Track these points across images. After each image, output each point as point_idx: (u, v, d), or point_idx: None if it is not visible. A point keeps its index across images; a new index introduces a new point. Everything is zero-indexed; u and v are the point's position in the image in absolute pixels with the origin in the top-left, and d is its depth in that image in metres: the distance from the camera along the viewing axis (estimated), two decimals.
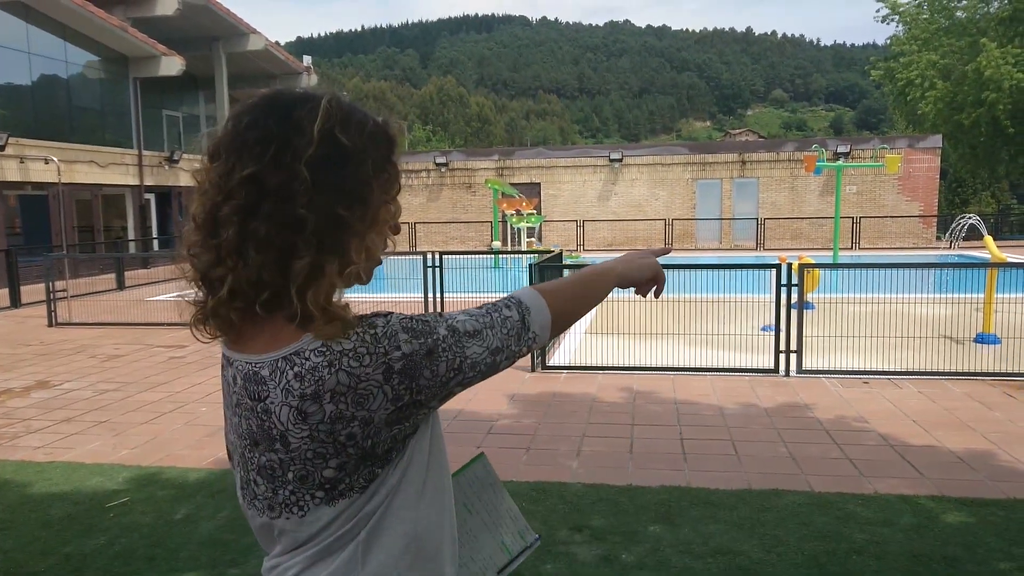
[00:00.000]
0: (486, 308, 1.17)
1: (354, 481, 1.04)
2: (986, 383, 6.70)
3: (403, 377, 1.02)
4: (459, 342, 1.08)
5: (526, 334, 1.18)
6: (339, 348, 1.00)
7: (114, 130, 21.79)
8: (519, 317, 1.17)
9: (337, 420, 1.00)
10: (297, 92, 1.06)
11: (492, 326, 1.14)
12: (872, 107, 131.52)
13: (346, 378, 0.99)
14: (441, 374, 1.06)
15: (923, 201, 25.80)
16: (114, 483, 4.64)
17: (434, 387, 1.06)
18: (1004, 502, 4.10)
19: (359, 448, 1.02)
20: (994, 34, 29.37)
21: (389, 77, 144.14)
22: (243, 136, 1.01)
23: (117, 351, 9.04)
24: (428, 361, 1.04)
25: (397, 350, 1.02)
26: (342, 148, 1.02)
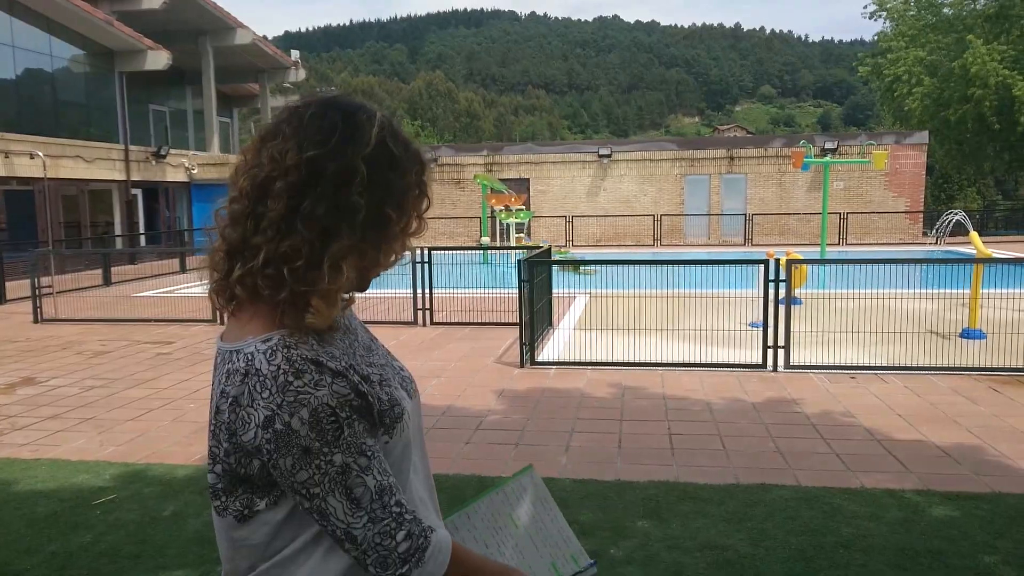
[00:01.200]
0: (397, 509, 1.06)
1: (230, 503, 1.09)
2: (972, 378, 6.75)
3: (273, 439, 1.02)
4: (335, 484, 1.03)
5: (394, 568, 1.05)
6: (257, 366, 1.04)
7: (100, 125, 21.61)
8: (403, 552, 1.05)
9: (227, 428, 1.06)
10: (356, 101, 1.15)
11: (375, 520, 1.04)
12: (860, 103, 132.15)
13: (247, 396, 1.03)
14: (296, 480, 1.03)
15: (910, 197, 25.93)
16: (100, 480, 4.61)
17: (283, 479, 1.05)
18: (989, 496, 4.13)
19: (229, 468, 1.07)
20: (980, 31, 29.55)
21: (377, 72, 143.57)
22: (307, 124, 1.09)
23: (103, 347, 8.98)
24: (299, 455, 1.02)
25: (288, 415, 1.02)
26: (392, 156, 1.11)
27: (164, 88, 25.21)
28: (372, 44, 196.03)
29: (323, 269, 1.06)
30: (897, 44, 32.51)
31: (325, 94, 1.15)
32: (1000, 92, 28.47)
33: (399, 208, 1.12)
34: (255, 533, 1.10)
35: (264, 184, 1.07)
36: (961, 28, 30.58)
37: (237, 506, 1.09)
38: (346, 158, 1.07)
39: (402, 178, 1.12)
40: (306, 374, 1.04)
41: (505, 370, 7.30)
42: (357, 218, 1.07)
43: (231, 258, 1.09)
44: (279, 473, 1.04)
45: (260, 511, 1.08)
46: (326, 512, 1.05)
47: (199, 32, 24.16)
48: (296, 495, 1.06)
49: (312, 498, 1.04)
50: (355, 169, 1.07)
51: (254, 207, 1.07)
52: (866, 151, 22.68)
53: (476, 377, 7.08)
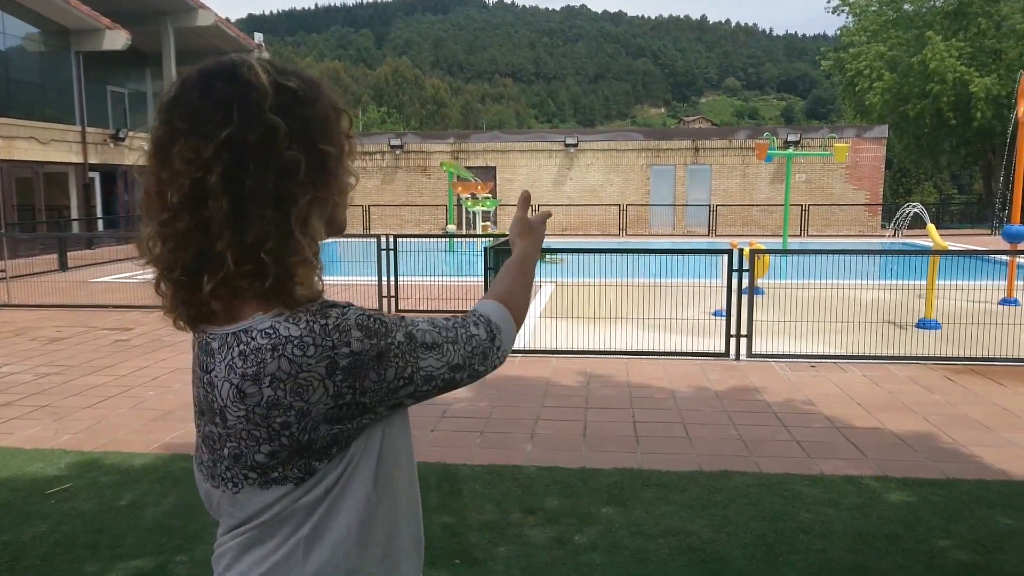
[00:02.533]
0: (453, 321, 1.14)
1: (288, 472, 1.02)
2: (927, 367, 6.90)
3: (347, 375, 0.99)
4: (414, 351, 1.05)
5: (494, 353, 1.17)
6: (286, 334, 0.98)
7: (56, 106, 21.03)
8: (487, 336, 1.16)
9: (273, 406, 0.98)
10: (225, 58, 1.07)
11: (455, 341, 1.11)
12: (822, 97, 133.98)
13: (288, 365, 0.97)
14: (389, 380, 1.03)
15: (869, 190, 26.41)
16: (55, 469, 4.51)
17: (380, 392, 1.02)
18: (943, 482, 4.23)
19: (293, 439, 1.00)
20: (939, 28, 30.14)
21: (343, 57, 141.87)
22: (199, 109, 1.00)
23: (59, 334, 8.77)
24: (377, 364, 1.01)
25: (346, 346, 0.99)
26: (293, 92, 1.04)
27: (123, 69, 24.60)
28: (338, 29, 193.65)
29: (295, 237, 1.01)
30: (859, 39, 33.04)
31: (195, 69, 1.06)
32: (957, 88, 29.09)
33: (329, 138, 1.06)
34: (309, 493, 1.04)
35: (194, 189, 0.98)
36: (921, 24, 31.17)
37: (296, 472, 1.02)
38: (258, 119, 0.99)
39: (314, 107, 1.05)
40: (331, 312, 1.01)
41: None
42: (300, 172, 1.01)
43: (193, 277, 1.01)
44: (371, 393, 1.01)
45: (317, 469, 1.03)
46: (429, 374, 1.07)
47: (159, 12, 23.58)
48: (398, 392, 1.04)
49: (411, 378, 1.05)
50: (271, 125, 1.00)
51: (197, 217, 0.99)
52: (828, 144, 23.01)
53: None
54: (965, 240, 20.22)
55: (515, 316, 1.24)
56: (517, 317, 1.25)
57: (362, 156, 26.51)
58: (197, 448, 1.12)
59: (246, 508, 1.05)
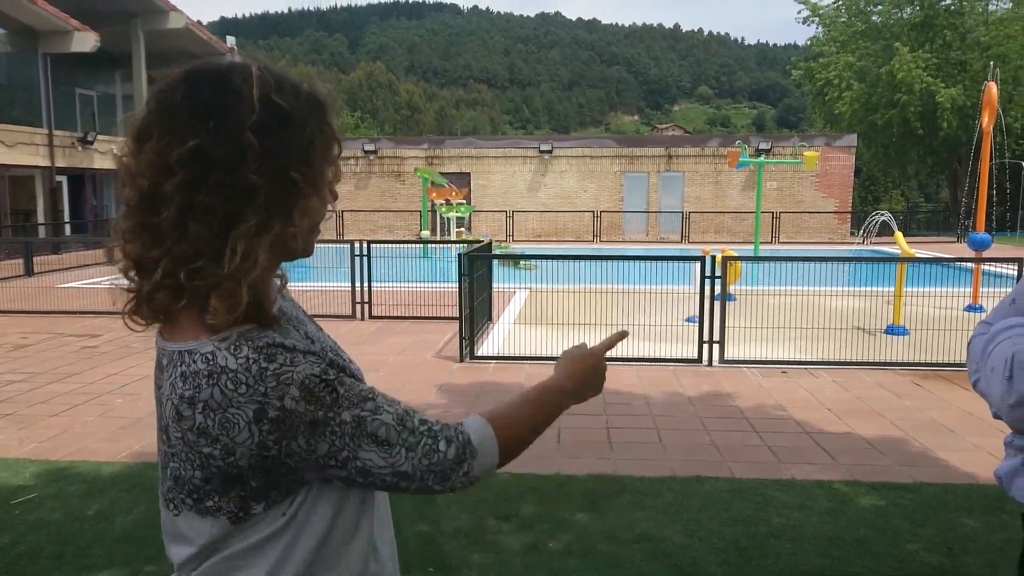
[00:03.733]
0: (426, 426, 1.05)
1: (222, 503, 0.99)
2: (896, 373, 7.01)
3: (274, 429, 0.94)
4: (357, 438, 0.98)
5: (457, 476, 1.06)
6: (223, 364, 0.95)
7: (22, 108, 20.67)
8: (455, 457, 1.05)
9: (202, 434, 0.95)
10: (224, 62, 1.03)
11: (412, 448, 1.02)
12: (793, 105, 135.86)
13: (220, 396, 0.94)
14: (319, 454, 0.97)
15: (838, 198, 26.78)
16: (20, 479, 4.42)
17: (307, 461, 0.97)
18: (912, 486, 4.30)
19: (220, 471, 0.97)
20: (906, 39, 30.73)
21: (317, 62, 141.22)
22: (178, 110, 0.97)
23: (24, 340, 8.61)
24: (308, 431, 0.95)
25: (279, 400, 0.94)
26: (282, 112, 0.99)
27: (92, 71, 24.25)
28: (311, 33, 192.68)
29: (224, 258, 0.95)
30: (828, 49, 33.57)
31: (193, 65, 1.02)
32: (924, 98, 29.65)
33: (305, 166, 1.01)
34: (246, 536, 1.01)
35: (152, 192, 0.96)
36: (888, 36, 31.76)
37: (231, 507, 0.99)
38: (232, 135, 0.95)
39: (301, 132, 1.00)
40: (278, 357, 0.96)
41: (445, 364, 7.27)
42: (259, 197, 0.96)
43: (140, 275, 1.00)
44: (297, 457, 0.96)
45: (256, 513, 1.00)
46: (366, 468, 0.99)
47: (129, 14, 23.28)
48: (326, 470, 0.99)
49: (344, 464, 0.98)
50: (244, 144, 0.95)
51: (146, 218, 0.96)
52: (798, 152, 23.32)
53: (415, 372, 7.02)
54: (932, 248, 20.57)
55: (503, 447, 1.13)
56: (506, 449, 1.13)
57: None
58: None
59: (188, 537, 1.02)
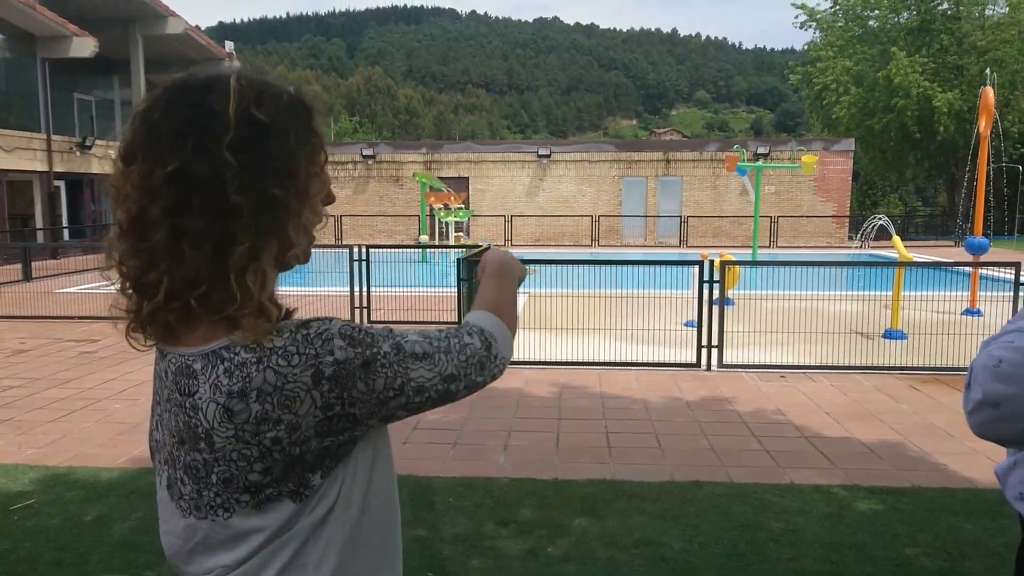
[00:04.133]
0: (445, 332, 1.10)
1: (283, 488, 0.99)
2: (894, 376, 7.02)
3: (334, 385, 0.97)
4: (403, 361, 1.02)
5: (492, 363, 1.12)
6: (270, 345, 0.96)
7: (20, 113, 20.67)
8: (482, 345, 1.11)
9: (263, 421, 0.95)
10: (204, 75, 1.01)
11: (447, 351, 1.07)
12: (790, 110, 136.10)
13: (273, 377, 0.95)
14: (378, 390, 1.00)
15: (836, 202, 26.83)
16: (19, 485, 4.41)
17: (369, 403, 1.00)
18: (910, 490, 4.30)
19: (285, 454, 0.97)
20: (903, 44, 30.83)
21: (315, 66, 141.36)
22: (158, 132, 0.96)
23: (22, 346, 8.60)
24: (363, 373, 0.98)
25: (330, 355, 0.97)
26: (261, 125, 0.98)
27: (90, 76, 24.28)
28: (309, 38, 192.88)
29: (231, 286, 0.96)
30: (826, 54, 33.68)
31: (172, 81, 1.01)
32: (921, 103, 29.74)
33: (290, 177, 1.00)
34: (312, 512, 1.01)
35: (140, 216, 0.96)
36: (885, 40, 31.86)
37: (290, 487, 0.99)
38: (211, 154, 0.95)
39: (282, 145, 0.99)
40: (312, 324, 1.00)
41: None
42: (243, 215, 0.95)
43: (139, 295, 1.00)
44: (361, 404, 0.99)
45: (316, 485, 1.00)
46: (420, 385, 1.03)
47: (128, 19, 23.32)
48: (388, 404, 1.01)
49: (402, 389, 1.02)
50: (222, 163, 0.94)
51: (138, 242, 0.97)
52: (796, 157, 23.36)
53: None
54: (930, 252, 20.61)
55: (507, 323, 1.20)
56: (509, 323, 1.21)
57: (334, 166, 26.36)
58: (172, 484, 1.06)
59: (240, 532, 1.01)
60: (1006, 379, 1.31)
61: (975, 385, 1.37)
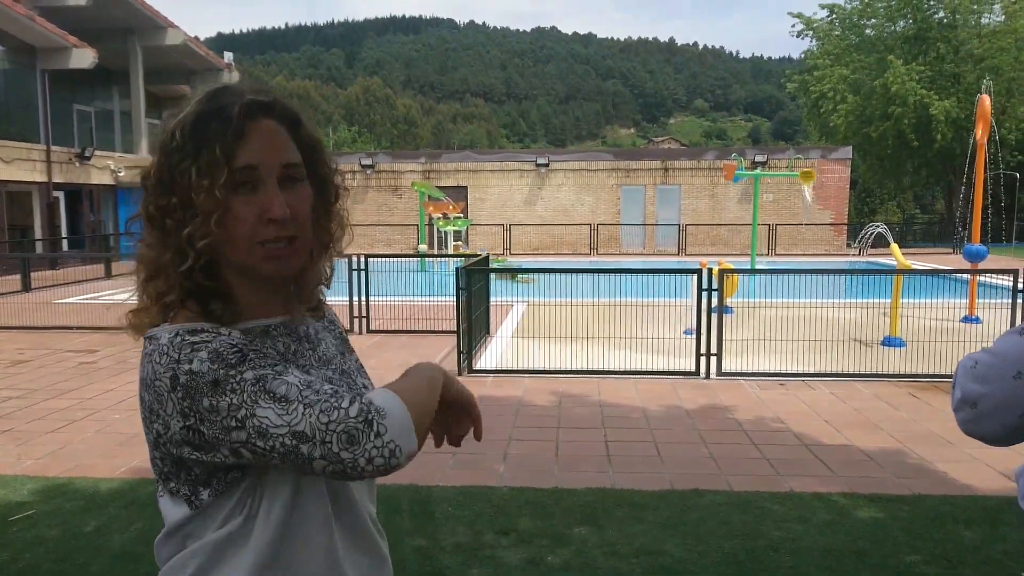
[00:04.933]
0: (332, 389, 1.00)
1: (180, 487, 1.06)
2: (892, 384, 7.02)
3: (184, 394, 0.98)
4: (255, 394, 0.96)
5: (368, 441, 0.95)
6: (158, 339, 1.04)
7: (20, 124, 20.70)
8: (358, 416, 0.96)
9: (150, 411, 1.03)
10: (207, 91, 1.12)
11: (311, 405, 0.96)
12: (788, 118, 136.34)
13: (151, 371, 1.02)
14: (221, 414, 0.96)
15: (834, 210, 26.87)
16: (18, 496, 4.40)
17: (215, 425, 0.97)
18: (909, 498, 4.30)
19: (165, 451, 1.04)
20: (900, 52, 30.95)
21: (314, 76, 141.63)
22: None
23: (22, 356, 8.60)
24: (210, 391, 0.97)
25: (188, 363, 0.99)
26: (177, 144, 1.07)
27: (89, 88, 24.33)
28: (308, 48, 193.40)
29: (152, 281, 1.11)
30: (823, 62, 33.80)
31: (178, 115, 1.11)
32: (918, 111, 29.83)
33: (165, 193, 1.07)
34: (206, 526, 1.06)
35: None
36: (882, 48, 31.98)
37: (186, 491, 1.05)
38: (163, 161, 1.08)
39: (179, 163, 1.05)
40: (204, 332, 1.03)
41: None
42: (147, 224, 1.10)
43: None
44: (208, 423, 0.97)
45: (205, 501, 1.04)
46: (263, 428, 0.95)
47: (127, 31, 23.40)
48: (230, 433, 0.97)
49: (243, 423, 0.96)
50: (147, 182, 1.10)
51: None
52: (794, 164, 23.41)
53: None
54: (928, 259, 20.64)
55: (413, 412, 1.01)
56: (416, 414, 1.01)
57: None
58: None
59: (164, 518, 1.10)
60: (980, 379, 1.42)
61: (957, 386, 1.48)
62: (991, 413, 1.41)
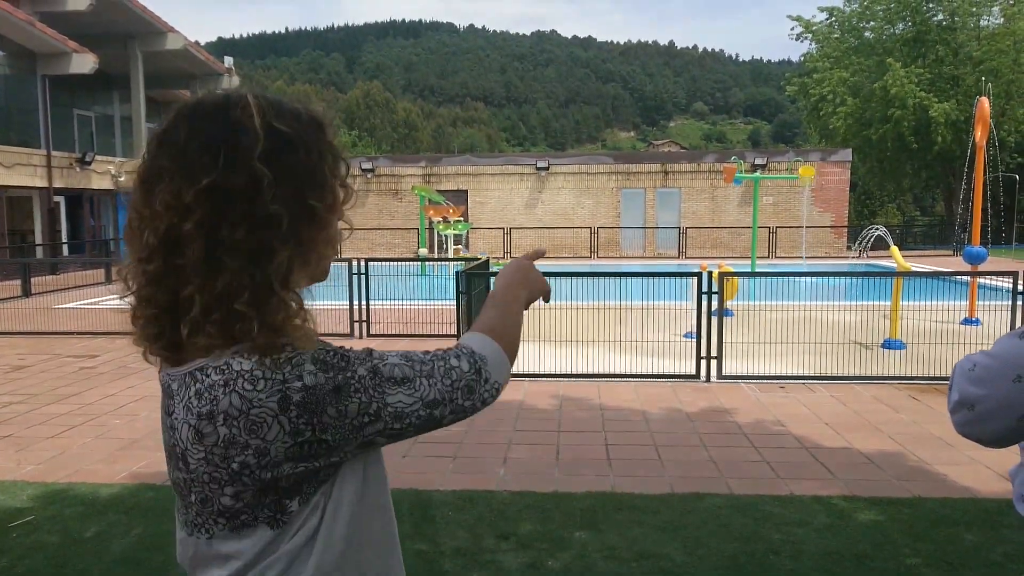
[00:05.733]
0: (430, 355, 1.06)
1: (259, 514, 0.99)
2: (893, 386, 7.02)
3: (302, 411, 0.94)
4: (379, 386, 0.99)
5: (481, 387, 1.07)
6: (238, 368, 0.95)
7: (20, 129, 20.75)
8: (470, 368, 1.07)
9: (230, 445, 0.95)
10: (219, 95, 1.03)
11: (430, 375, 1.03)
12: (788, 121, 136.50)
13: (239, 401, 0.94)
14: (351, 416, 0.97)
15: (834, 212, 26.88)
16: (17, 501, 4.40)
17: (342, 428, 0.97)
18: (910, 500, 4.30)
19: (255, 479, 0.96)
20: (899, 55, 30.99)
21: (314, 81, 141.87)
22: (184, 151, 0.97)
23: (22, 361, 8.60)
24: (334, 398, 0.96)
25: (298, 380, 0.95)
26: (287, 137, 1.00)
27: (90, 93, 24.38)
28: (308, 52, 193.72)
29: (276, 293, 0.98)
30: (822, 65, 33.84)
31: (189, 103, 1.03)
32: (917, 113, 29.86)
33: (319, 189, 1.02)
34: (291, 539, 1.00)
35: (170, 233, 0.96)
36: (881, 51, 32.03)
37: (267, 513, 0.99)
38: (244, 167, 0.96)
39: (308, 155, 1.01)
40: (286, 348, 0.97)
41: None
42: (283, 225, 0.97)
43: (168, 316, 1.00)
44: (333, 430, 0.96)
45: (293, 511, 1.00)
46: (399, 411, 1.00)
47: (128, 36, 23.45)
48: (363, 430, 0.98)
49: (378, 415, 0.98)
50: (258, 174, 0.96)
51: (170, 261, 0.97)
52: (794, 167, 23.42)
53: None
54: (928, 261, 20.64)
55: (505, 346, 1.14)
56: (507, 347, 1.15)
57: None
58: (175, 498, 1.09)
59: (227, 556, 1.01)
60: (978, 382, 1.42)
61: (954, 387, 1.49)
62: (989, 416, 1.41)
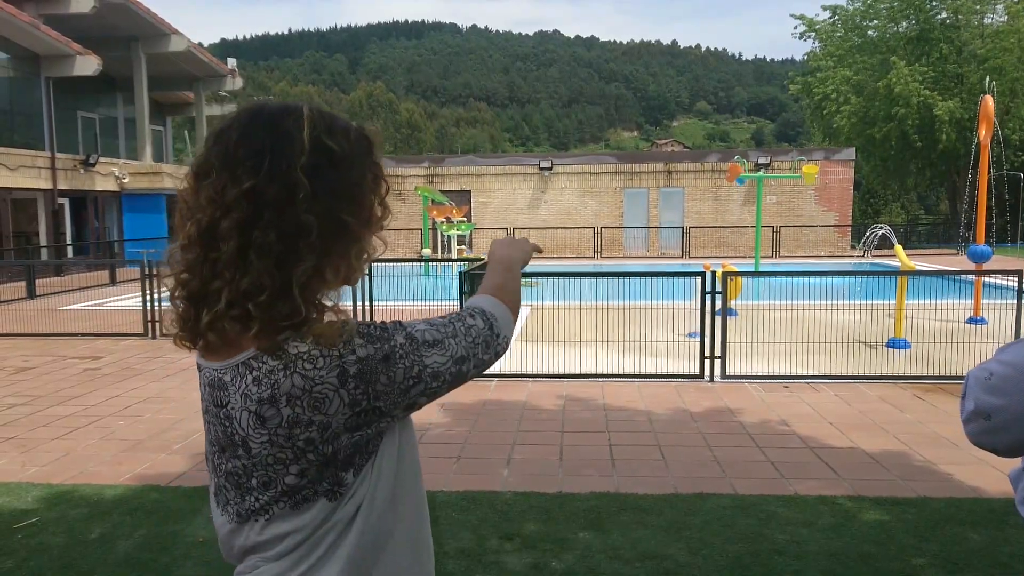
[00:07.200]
0: (448, 318, 1.17)
1: (319, 487, 1.05)
2: (898, 386, 7.00)
3: (359, 381, 1.02)
4: (417, 350, 1.09)
5: (495, 341, 1.19)
6: (294, 351, 1.03)
7: (24, 131, 20.79)
8: (485, 325, 1.19)
9: (294, 424, 1.02)
10: (277, 103, 1.10)
11: (455, 335, 1.14)
12: (791, 120, 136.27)
13: (301, 381, 1.01)
14: (398, 380, 1.06)
15: (838, 211, 26.82)
16: (23, 503, 4.41)
17: (392, 394, 1.06)
18: (915, 500, 4.28)
19: (319, 454, 1.04)
20: (903, 53, 30.93)
21: (317, 82, 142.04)
22: (234, 152, 1.04)
23: (26, 363, 8.62)
24: (384, 367, 1.05)
25: (352, 354, 1.03)
26: (332, 153, 1.06)
27: (94, 94, 24.42)
28: (311, 53, 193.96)
29: (293, 297, 1.02)
30: (825, 64, 33.79)
31: (248, 107, 1.10)
32: (921, 111, 29.79)
33: (355, 205, 1.08)
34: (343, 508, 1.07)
35: (210, 228, 1.02)
36: (885, 50, 31.97)
37: (325, 486, 1.06)
38: (284, 176, 1.02)
39: (349, 172, 1.08)
40: (335, 325, 1.05)
41: None
42: (312, 235, 1.03)
43: (195, 305, 1.06)
44: (384, 396, 1.05)
45: (349, 483, 1.06)
46: (436, 371, 1.10)
47: (131, 38, 23.49)
48: (409, 392, 1.08)
49: (420, 377, 1.08)
50: (296, 184, 1.02)
51: (206, 252, 1.03)
52: (797, 166, 23.38)
53: None
54: (932, 260, 20.59)
55: (509, 304, 1.26)
56: (511, 305, 1.27)
57: None
58: (218, 492, 1.13)
59: (281, 534, 1.07)
60: (995, 391, 1.38)
61: (969, 396, 1.44)
62: (1006, 426, 1.38)
